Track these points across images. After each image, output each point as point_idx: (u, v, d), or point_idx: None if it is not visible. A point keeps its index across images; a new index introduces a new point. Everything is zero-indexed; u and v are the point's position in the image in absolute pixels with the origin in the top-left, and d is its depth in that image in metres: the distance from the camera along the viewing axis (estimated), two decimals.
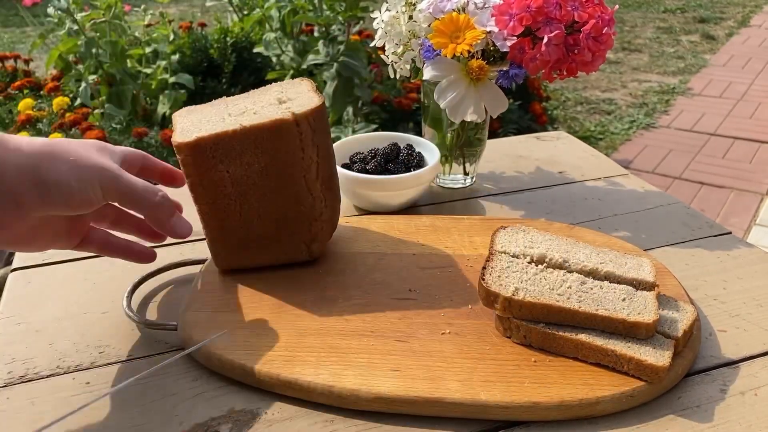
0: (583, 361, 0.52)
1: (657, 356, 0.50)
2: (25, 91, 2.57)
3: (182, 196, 0.60)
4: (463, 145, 0.82)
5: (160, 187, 0.54)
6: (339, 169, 0.73)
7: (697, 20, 4.91)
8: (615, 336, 0.51)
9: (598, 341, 0.51)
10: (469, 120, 0.73)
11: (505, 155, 0.95)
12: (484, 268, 0.57)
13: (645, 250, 0.69)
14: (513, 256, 0.59)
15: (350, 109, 2.17)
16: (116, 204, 0.53)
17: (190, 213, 0.59)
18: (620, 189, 0.85)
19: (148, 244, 0.61)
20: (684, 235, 0.74)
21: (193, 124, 0.58)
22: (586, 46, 0.68)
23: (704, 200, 2.43)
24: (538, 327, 0.52)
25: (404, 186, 0.76)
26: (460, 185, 0.85)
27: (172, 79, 2.23)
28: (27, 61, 2.89)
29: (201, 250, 0.70)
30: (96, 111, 2.21)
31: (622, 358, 0.50)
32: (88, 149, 0.50)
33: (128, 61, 2.26)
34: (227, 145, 0.56)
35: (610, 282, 0.56)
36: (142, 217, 0.54)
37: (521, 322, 0.53)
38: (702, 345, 0.57)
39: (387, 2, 0.77)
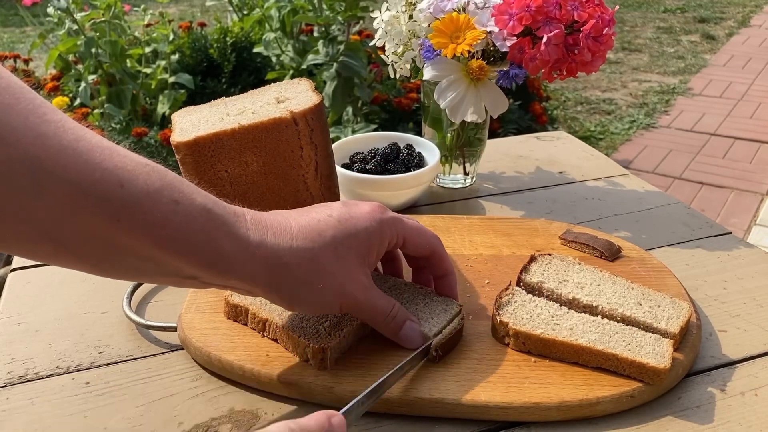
0: (585, 367, 0.52)
1: (658, 358, 0.49)
2: None
3: None
4: (463, 145, 0.82)
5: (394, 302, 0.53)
6: (339, 169, 0.73)
7: (697, 20, 4.91)
8: (614, 339, 0.51)
9: (598, 346, 0.51)
10: (469, 120, 0.73)
11: (505, 155, 0.95)
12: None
13: (645, 250, 0.69)
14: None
15: (350, 109, 2.17)
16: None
17: None
18: (620, 189, 0.85)
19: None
20: (684, 235, 0.74)
21: (192, 123, 0.58)
22: (586, 46, 0.68)
23: (704, 200, 2.43)
24: (537, 333, 0.52)
25: (404, 186, 0.76)
26: (460, 185, 0.85)
27: (171, 79, 2.23)
28: (27, 61, 2.88)
29: None
30: (96, 111, 2.21)
31: (623, 361, 0.50)
32: (349, 263, 0.48)
33: (128, 60, 2.26)
34: (226, 145, 0.56)
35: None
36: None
37: (519, 329, 0.53)
38: (702, 345, 0.56)
39: (387, 2, 0.77)
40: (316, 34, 2.25)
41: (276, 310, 0.54)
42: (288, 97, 0.60)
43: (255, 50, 2.32)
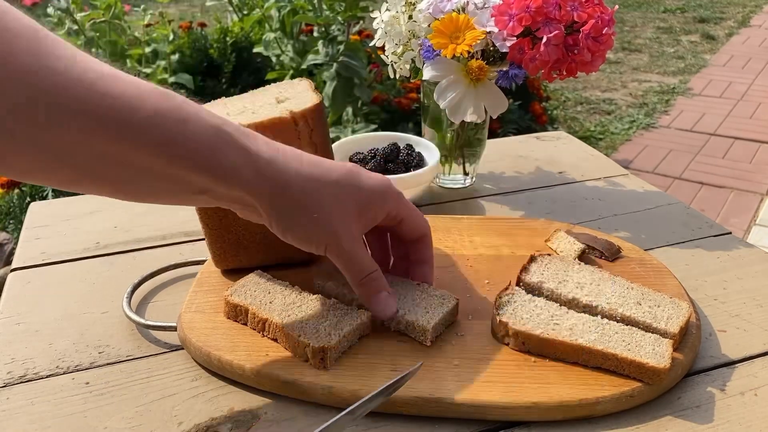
0: (583, 366, 0.52)
1: (657, 358, 0.49)
2: None
3: None
4: (463, 145, 0.82)
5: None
6: None
7: (697, 20, 4.91)
8: (614, 339, 0.51)
9: (598, 345, 0.51)
10: (469, 120, 0.73)
11: (505, 155, 0.95)
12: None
13: (645, 250, 0.69)
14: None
15: (350, 109, 2.17)
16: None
17: (190, 212, 0.59)
18: (620, 189, 0.85)
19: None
20: (684, 235, 0.74)
21: None
22: (586, 46, 0.68)
23: (704, 200, 2.43)
24: (537, 333, 0.52)
25: (404, 186, 0.76)
26: (460, 185, 0.85)
27: (171, 79, 2.23)
28: None
29: (200, 250, 0.70)
30: None
31: (623, 361, 0.50)
32: (346, 207, 0.51)
33: (128, 60, 2.26)
34: None
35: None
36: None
37: (519, 329, 0.53)
38: (702, 345, 0.56)
39: (387, 2, 0.77)
40: (316, 34, 2.25)
41: (275, 310, 0.55)
42: (288, 97, 0.60)
43: (255, 50, 2.32)
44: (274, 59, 2.28)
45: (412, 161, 0.78)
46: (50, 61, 0.39)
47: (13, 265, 0.69)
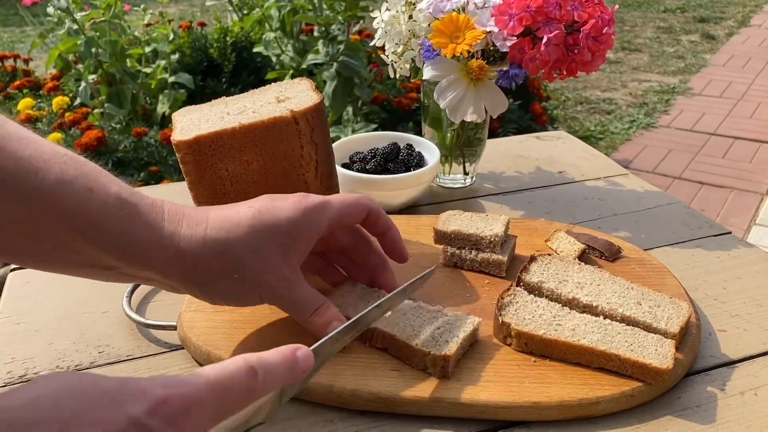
0: (585, 367, 0.52)
1: (660, 359, 0.49)
2: (25, 91, 2.57)
3: (182, 195, 0.60)
4: (463, 145, 0.82)
5: (322, 297, 0.50)
6: (339, 169, 0.73)
7: (697, 20, 4.91)
8: (617, 340, 0.51)
9: (601, 346, 0.50)
10: (469, 120, 0.73)
11: (505, 155, 0.95)
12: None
13: (645, 250, 0.69)
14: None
15: (350, 109, 2.17)
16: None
17: None
18: (620, 189, 0.85)
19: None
20: (684, 235, 0.74)
21: (192, 123, 0.58)
22: (586, 45, 0.68)
23: (704, 200, 2.43)
24: (539, 334, 0.52)
25: (404, 186, 0.76)
26: (460, 185, 0.85)
27: (171, 79, 2.23)
28: (26, 61, 2.89)
29: None
30: (95, 110, 2.21)
31: (626, 362, 0.50)
32: (268, 253, 0.47)
33: (128, 60, 2.26)
34: (226, 144, 0.56)
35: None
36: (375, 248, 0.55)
37: (521, 330, 0.53)
38: (702, 345, 0.56)
39: (387, 2, 0.77)
40: (316, 33, 2.25)
41: (383, 320, 0.52)
42: (288, 97, 0.60)
43: (255, 50, 2.32)
44: (274, 59, 2.28)
45: (412, 161, 0.78)
46: None
47: (13, 265, 0.69)
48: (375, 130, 2.08)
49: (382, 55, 0.79)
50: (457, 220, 0.65)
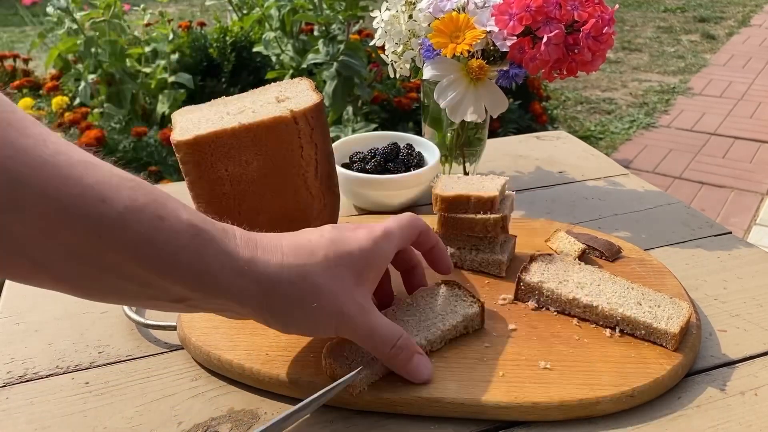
0: (584, 364, 0.52)
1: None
2: (25, 91, 2.57)
3: (182, 195, 0.60)
4: (463, 144, 0.82)
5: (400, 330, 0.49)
6: (339, 169, 0.73)
7: (697, 20, 4.91)
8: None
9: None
10: (469, 120, 0.73)
11: (505, 155, 0.95)
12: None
13: (645, 250, 0.69)
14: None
15: (350, 109, 2.17)
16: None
17: None
18: (620, 189, 0.85)
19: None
20: (684, 235, 0.74)
21: (192, 122, 0.58)
22: (586, 45, 0.68)
23: (704, 200, 2.43)
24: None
25: (404, 186, 0.76)
26: None
27: (171, 79, 2.23)
28: (26, 61, 2.89)
29: None
30: (95, 110, 2.21)
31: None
32: (345, 281, 0.46)
33: (127, 60, 2.26)
34: (226, 143, 0.56)
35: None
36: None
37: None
38: (702, 345, 0.56)
39: (387, 1, 0.77)
40: (316, 33, 2.25)
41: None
42: (288, 96, 0.60)
43: (255, 50, 2.32)
44: (273, 58, 2.28)
45: (412, 161, 0.78)
46: (18, 138, 0.34)
47: None
48: (375, 129, 2.08)
49: (382, 55, 0.79)
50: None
